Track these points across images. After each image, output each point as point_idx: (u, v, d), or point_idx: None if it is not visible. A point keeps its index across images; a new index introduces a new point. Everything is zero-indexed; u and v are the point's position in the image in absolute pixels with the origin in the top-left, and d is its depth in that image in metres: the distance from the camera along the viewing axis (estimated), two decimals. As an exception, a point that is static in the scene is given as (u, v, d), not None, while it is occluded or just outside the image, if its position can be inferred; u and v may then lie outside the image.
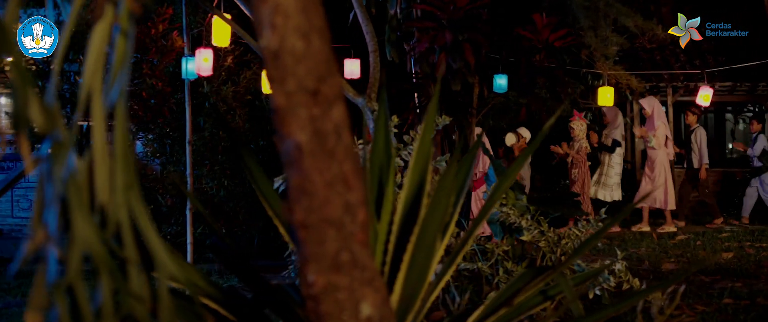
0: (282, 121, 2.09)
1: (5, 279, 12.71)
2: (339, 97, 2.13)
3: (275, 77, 2.07)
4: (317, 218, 2.15)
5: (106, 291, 1.82)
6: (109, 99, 1.87)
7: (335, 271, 2.19)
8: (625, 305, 3.54)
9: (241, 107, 14.04)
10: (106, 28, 1.90)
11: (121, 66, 1.89)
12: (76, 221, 1.80)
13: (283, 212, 2.23)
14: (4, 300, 10.84)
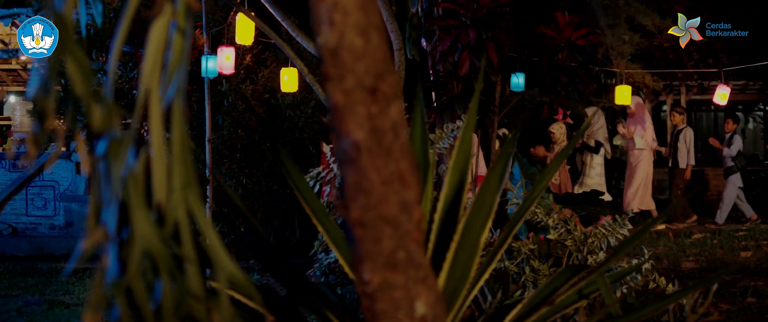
0: (340, 118, 2.08)
1: (25, 278, 12.71)
2: (396, 95, 2.11)
3: (333, 75, 2.05)
4: (374, 216, 2.14)
5: (166, 291, 1.81)
6: (167, 97, 1.86)
7: (391, 269, 2.18)
8: (665, 304, 3.52)
9: (259, 105, 14.04)
10: (164, 25, 1.89)
11: (178, 64, 1.88)
12: (136, 219, 1.79)
13: (338, 210, 2.21)
14: (24, 299, 10.83)
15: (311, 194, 3.50)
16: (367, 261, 2.18)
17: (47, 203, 16.42)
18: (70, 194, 16.15)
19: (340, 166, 2.15)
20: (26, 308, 10.28)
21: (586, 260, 6.04)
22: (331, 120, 2.11)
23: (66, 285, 11.87)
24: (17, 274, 13.05)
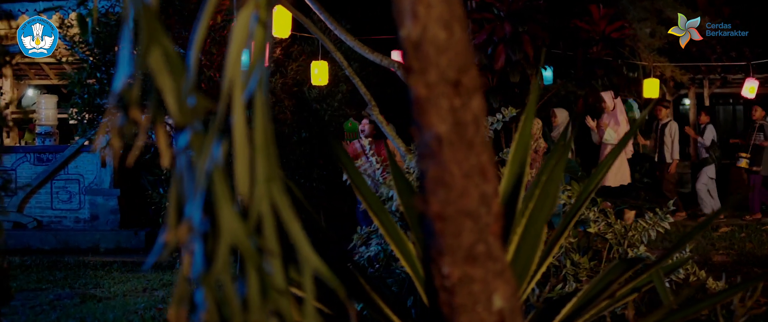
0: (421, 111, 2.07)
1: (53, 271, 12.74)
2: (478, 88, 2.10)
3: (416, 68, 2.04)
4: (454, 210, 2.13)
5: (253, 285, 1.80)
6: (248, 89, 1.85)
7: (471, 263, 2.17)
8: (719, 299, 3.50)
9: (288, 99, 14.06)
10: (247, 17, 1.88)
11: (260, 56, 1.87)
12: (222, 213, 1.78)
13: (416, 204, 2.19)
14: (54, 292, 10.86)
15: (366, 186, 3.50)
16: (447, 255, 2.17)
17: (72, 197, 16.47)
18: (95, 187, 16.19)
19: (420, 159, 2.13)
20: (58, 301, 10.31)
21: (626, 253, 6.02)
22: (412, 113, 2.09)
23: (95, 279, 11.91)
24: (45, 267, 13.10)
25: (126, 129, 1.80)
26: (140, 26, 1.80)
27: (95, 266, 13.17)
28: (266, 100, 1.87)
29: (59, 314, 9.63)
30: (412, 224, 3.60)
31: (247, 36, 1.87)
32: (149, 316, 9.34)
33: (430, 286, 3.11)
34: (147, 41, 1.78)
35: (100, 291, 11.00)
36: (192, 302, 1.83)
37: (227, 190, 1.79)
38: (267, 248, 1.83)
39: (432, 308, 3.23)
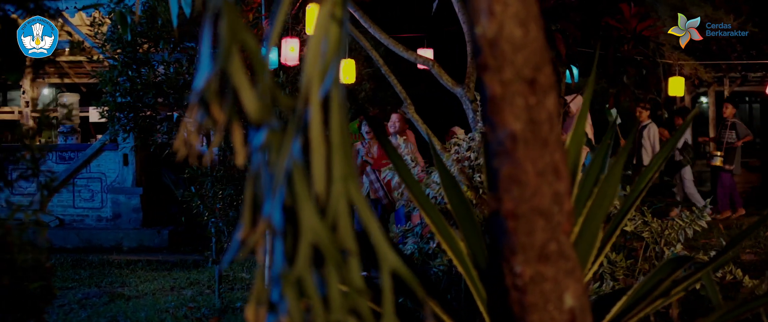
0: (496, 110, 2.06)
1: (78, 270, 12.76)
2: (553, 86, 2.09)
3: (491, 66, 2.03)
4: (527, 208, 2.12)
5: (334, 284, 1.79)
6: (324, 87, 1.84)
7: (543, 261, 2.16)
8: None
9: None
10: (325, 15, 1.87)
11: (335, 53, 1.86)
12: (302, 211, 1.77)
13: (488, 202, 2.19)
14: (82, 291, 10.87)
15: (417, 185, 3.50)
16: (520, 253, 2.16)
17: (94, 195, 16.48)
18: (117, 185, 16.21)
19: (493, 157, 2.13)
20: (86, 300, 10.33)
21: (662, 252, 6.01)
22: (487, 111, 2.09)
23: (120, 277, 11.94)
24: (69, 266, 13.12)
25: (204, 127, 1.80)
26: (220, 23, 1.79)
27: (120, 265, 13.19)
28: (342, 97, 1.87)
29: (89, 312, 9.64)
30: (459, 221, 3.60)
31: (323, 34, 1.87)
32: (181, 315, 9.35)
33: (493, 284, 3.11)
34: (228, 38, 1.77)
35: (127, 290, 11.01)
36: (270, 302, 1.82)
37: (307, 188, 1.79)
38: (345, 246, 1.83)
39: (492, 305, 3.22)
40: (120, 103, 9.98)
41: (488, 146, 2.16)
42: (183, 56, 10.01)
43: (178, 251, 14.69)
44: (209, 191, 9.40)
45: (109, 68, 9.99)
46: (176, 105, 10.27)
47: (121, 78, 9.86)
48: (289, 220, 1.81)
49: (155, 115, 10.40)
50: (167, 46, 9.77)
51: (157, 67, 10.05)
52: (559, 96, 12.06)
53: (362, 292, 1.83)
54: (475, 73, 6.87)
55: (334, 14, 1.88)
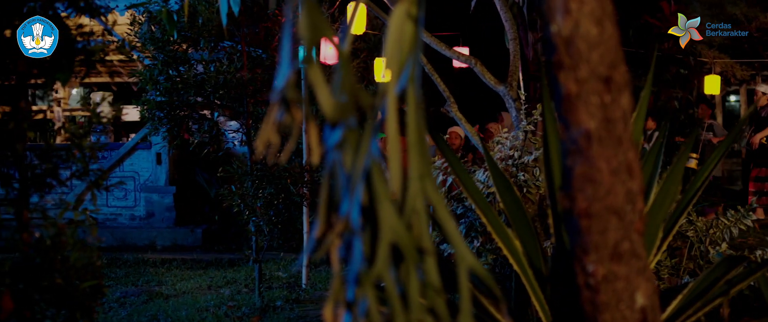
0: (571, 108, 2.06)
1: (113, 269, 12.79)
2: (627, 85, 2.09)
3: (566, 64, 2.03)
4: (601, 207, 2.12)
5: (413, 283, 1.79)
6: (400, 85, 1.84)
7: (616, 261, 2.16)
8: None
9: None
10: (401, 13, 1.87)
11: (411, 51, 1.86)
12: (382, 210, 1.77)
13: (560, 201, 2.18)
14: (120, 290, 10.90)
15: (473, 184, 3.50)
16: (592, 252, 2.16)
17: (128, 194, 16.53)
18: (150, 184, 16.25)
19: (566, 156, 2.12)
20: (125, 299, 10.36)
21: (707, 251, 5.99)
22: (561, 110, 2.09)
23: (156, 276, 11.97)
24: (104, 265, 13.09)
25: (284, 125, 1.80)
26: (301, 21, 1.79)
27: (154, 264, 13.22)
28: (419, 96, 1.87)
29: (129, 311, 9.67)
30: (512, 220, 3.60)
31: (401, 32, 1.87)
32: (222, 313, 9.36)
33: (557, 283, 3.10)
34: (309, 35, 1.77)
35: (165, 289, 11.03)
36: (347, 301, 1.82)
37: (386, 187, 1.79)
38: (422, 245, 1.83)
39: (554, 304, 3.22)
40: (159, 102, 10.02)
41: (561, 145, 2.15)
42: (223, 55, 10.03)
43: (213, 249, 14.71)
44: (249, 190, 9.41)
45: (149, 67, 10.03)
46: (216, 104, 10.31)
47: (161, 77, 9.89)
48: (364, 219, 1.81)
49: (192, 114, 10.43)
50: (208, 44, 9.80)
51: (195, 66, 10.08)
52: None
53: (440, 291, 1.83)
54: (517, 72, 6.87)
55: (409, 12, 1.88)
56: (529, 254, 3.47)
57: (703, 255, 5.96)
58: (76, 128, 4.96)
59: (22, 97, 4.97)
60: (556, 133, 3.32)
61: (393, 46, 1.85)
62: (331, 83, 1.83)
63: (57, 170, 5.00)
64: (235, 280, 11.58)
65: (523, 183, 5.72)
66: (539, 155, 5.77)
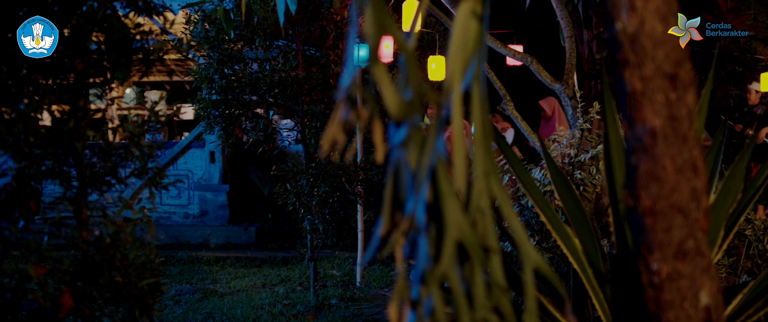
0: (636, 105, 2.05)
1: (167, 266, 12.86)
2: (693, 82, 2.08)
3: (632, 61, 2.02)
4: (666, 205, 2.10)
5: (478, 282, 1.79)
6: (464, 83, 1.84)
7: (680, 259, 2.15)
8: None
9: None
10: (466, 12, 1.87)
11: (475, 49, 1.86)
12: (447, 208, 1.77)
13: (625, 199, 2.17)
14: (174, 287, 10.96)
15: (532, 182, 3.50)
16: (657, 251, 2.15)
17: (181, 192, 16.61)
18: (204, 182, 16.32)
19: (631, 153, 2.12)
20: (180, 297, 10.41)
21: (765, 250, 5.95)
22: (625, 108, 2.08)
23: (210, 274, 12.02)
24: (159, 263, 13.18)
25: (348, 123, 1.80)
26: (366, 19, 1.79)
27: (208, 262, 13.29)
28: (483, 93, 1.87)
29: (185, 309, 9.73)
30: (571, 219, 3.59)
31: (466, 30, 1.86)
32: (277, 311, 9.39)
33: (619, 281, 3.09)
34: (374, 33, 1.77)
35: (219, 287, 11.08)
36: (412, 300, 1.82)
37: (451, 185, 1.78)
38: (487, 244, 1.83)
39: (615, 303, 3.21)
40: (214, 100, 10.06)
41: (626, 142, 2.15)
42: (278, 53, 10.05)
43: (266, 248, 14.75)
44: (304, 188, 9.44)
45: (204, 66, 10.08)
46: (270, 103, 10.34)
47: (216, 75, 9.94)
48: (429, 217, 1.81)
49: (246, 113, 10.47)
50: (263, 43, 9.83)
51: (250, 64, 10.12)
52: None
53: (505, 290, 1.83)
54: (572, 70, 6.84)
55: (474, 11, 1.87)
56: (588, 253, 3.47)
57: (762, 254, 5.92)
58: (134, 127, 5.00)
59: (81, 95, 5.01)
60: (617, 131, 3.31)
61: (458, 43, 1.85)
62: (394, 81, 1.83)
63: (116, 169, 5.04)
64: (289, 278, 11.61)
65: (579, 181, 5.70)
66: (596, 153, 5.75)
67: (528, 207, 5.96)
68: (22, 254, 4.86)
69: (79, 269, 4.86)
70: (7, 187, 4.81)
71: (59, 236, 4.96)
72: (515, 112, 6.95)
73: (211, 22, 10.08)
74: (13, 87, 4.80)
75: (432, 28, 15.56)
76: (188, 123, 18.87)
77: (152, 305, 5.04)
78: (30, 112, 4.85)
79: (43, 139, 4.80)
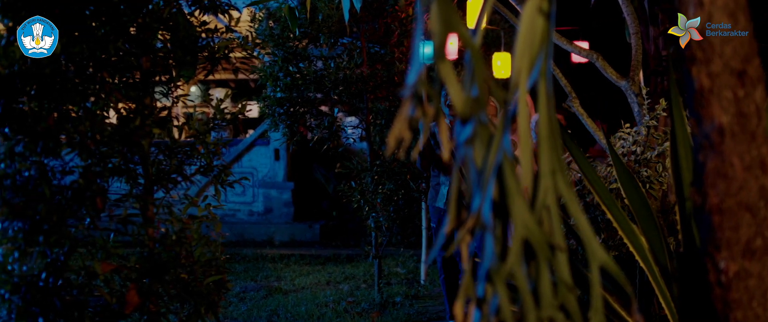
0: (703, 102, 2.03)
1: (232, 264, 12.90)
2: (761, 78, 2.06)
3: (699, 58, 2.01)
4: (733, 203, 2.09)
5: (545, 280, 1.78)
6: (530, 80, 1.83)
7: (748, 257, 2.12)
8: None
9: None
10: (533, 8, 1.86)
11: (542, 46, 1.85)
12: (514, 206, 1.76)
13: (691, 197, 2.16)
14: (239, 285, 11.02)
15: (599, 179, 3.48)
16: (724, 249, 2.13)
17: (246, 190, 16.68)
18: (268, 180, 16.39)
19: (698, 151, 2.10)
20: (245, 294, 10.46)
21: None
22: (692, 104, 2.06)
23: (275, 271, 12.07)
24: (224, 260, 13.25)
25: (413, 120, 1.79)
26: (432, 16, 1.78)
27: (273, 259, 13.34)
28: (550, 90, 1.86)
29: (249, 306, 9.77)
30: (638, 217, 3.57)
31: (533, 27, 1.86)
32: (341, 309, 9.42)
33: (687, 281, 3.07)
34: (440, 29, 1.77)
35: (284, 284, 11.13)
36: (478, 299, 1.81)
37: (518, 183, 1.78)
38: (554, 241, 1.82)
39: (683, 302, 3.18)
40: (279, 98, 10.12)
41: (693, 140, 2.13)
42: (342, 51, 10.08)
43: (331, 245, 14.80)
44: (369, 186, 9.46)
45: (269, 64, 10.14)
46: (335, 100, 10.37)
47: (281, 73, 9.99)
48: (496, 215, 1.81)
49: (311, 110, 10.51)
50: (328, 41, 9.87)
51: (315, 62, 10.17)
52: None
53: (572, 288, 1.82)
54: (639, 66, 6.79)
55: (541, 7, 1.87)
56: (654, 251, 3.44)
57: None
58: (200, 125, 5.03)
59: (147, 93, 5.05)
60: (684, 128, 3.28)
61: (524, 40, 1.84)
62: (460, 78, 1.83)
63: (182, 166, 5.07)
64: (353, 276, 11.64)
65: (645, 179, 5.66)
66: (663, 150, 5.70)
67: (593, 205, 5.93)
68: (89, 251, 4.91)
69: (145, 266, 4.90)
70: (74, 184, 4.86)
71: (125, 233, 5.01)
72: (581, 109, 6.91)
73: (276, 20, 10.14)
74: (80, 85, 4.85)
75: (497, 25, 15.52)
76: (253, 121, 18.98)
77: (218, 302, 5.08)
78: (97, 110, 4.90)
79: (109, 137, 4.84)
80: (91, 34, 4.79)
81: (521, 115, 1.83)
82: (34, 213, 4.76)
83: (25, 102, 4.83)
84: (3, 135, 4.86)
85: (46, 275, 4.83)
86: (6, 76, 4.77)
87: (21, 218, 4.80)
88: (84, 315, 4.81)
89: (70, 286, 4.88)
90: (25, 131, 4.76)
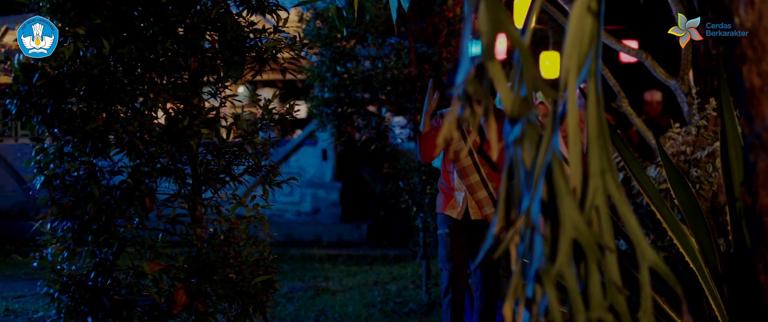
0: (754, 101, 2.01)
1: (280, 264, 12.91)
2: (813, 78, 2.04)
3: (750, 57, 1.99)
4: (785, 203, 2.07)
5: (594, 281, 1.76)
6: (579, 80, 1.82)
7: (800, 258, 2.11)
8: None
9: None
10: (581, 7, 1.85)
11: (591, 45, 1.83)
12: (563, 207, 1.75)
13: (742, 197, 2.13)
14: (287, 285, 11.02)
15: (648, 180, 3.46)
16: (775, 250, 2.11)
17: (293, 190, 16.67)
18: (316, 180, 16.41)
19: (749, 151, 2.08)
20: (292, 294, 10.47)
21: None
22: (743, 104, 2.04)
23: (322, 271, 12.08)
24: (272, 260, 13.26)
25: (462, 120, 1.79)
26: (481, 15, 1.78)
27: (320, 259, 13.37)
28: (599, 90, 1.85)
29: (297, 306, 9.78)
30: (687, 218, 3.54)
31: (581, 26, 1.85)
32: (389, 309, 9.41)
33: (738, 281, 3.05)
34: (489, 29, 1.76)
35: (331, 284, 11.13)
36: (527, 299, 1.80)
37: (567, 183, 1.77)
38: (603, 242, 1.80)
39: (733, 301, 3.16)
40: (327, 98, 10.14)
41: (744, 140, 2.11)
42: (390, 51, 10.07)
43: (378, 245, 14.79)
44: (417, 186, 9.45)
45: (317, 64, 10.17)
46: (382, 100, 10.37)
47: (328, 73, 10.01)
48: (545, 215, 1.80)
49: (359, 110, 10.52)
50: (375, 41, 9.87)
51: (362, 62, 10.17)
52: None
53: (621, 289, 1.81)
54: (688, 65, 6.74)
55: (590, 7, 1.86)
56: (704, 252, 3.43)
57: None
58: (247, 125, 5.05)
59: (195, 94, 5.07)
60: (734, 128, 3.26)
61: (573, 40, 1.83)
62: (509, 78, 1.82)
63: (230, 166, 5.09)
64: (401, 276, 11.63)
65: (695, 179, 5.62)
66: (713, 151, 5.66)
67: (642, 205, 5.90)
68: (137, 251, 4.94)
69: (193, 265, 4.92)
70: (122, 184, 4.89)
71: (174, 233, 5.03)
72: (630, 109, 6.87)
73: (324, 20, 10.16)
74: (128, 86, 4.88)
75: (545, 24, 15.47)
76: (300, 121, 19.00)
77: (266, 302, 5.09)
78: (145, 110, 4.92)
79: (158, 137, 4.87)
80: (140, 34, 4.82)
81: (571, 114, 1.82)
82: (83, 213, 4.80)
83: (74, 102, 4.87)
84: (52, 135, 4.90)
85: (94, 274, 4.86)
86: (55, 76, 4.81)
87: (70, 218, 4.83)
88: (132, 315, 4.84)
89: (119, 285, 4.92)
90: (73, 132, 4.79)
